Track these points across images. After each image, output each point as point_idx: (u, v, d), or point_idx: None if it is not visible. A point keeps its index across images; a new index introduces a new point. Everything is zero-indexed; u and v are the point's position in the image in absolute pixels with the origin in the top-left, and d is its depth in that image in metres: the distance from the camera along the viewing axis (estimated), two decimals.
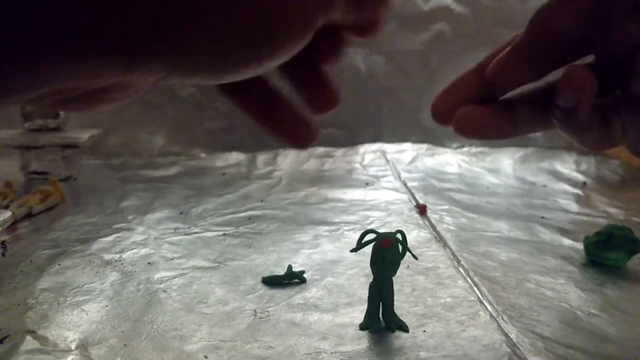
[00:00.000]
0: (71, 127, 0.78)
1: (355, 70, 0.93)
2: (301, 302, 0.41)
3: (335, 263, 0.48)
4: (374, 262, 0.36)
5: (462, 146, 0.91)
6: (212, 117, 0.92)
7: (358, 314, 0.39)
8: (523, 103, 0.29)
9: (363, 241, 0.36)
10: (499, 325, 0.38)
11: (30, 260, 0.48)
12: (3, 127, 0.78)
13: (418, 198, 0.67)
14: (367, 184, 0.74)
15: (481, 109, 0.28)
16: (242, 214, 0.62)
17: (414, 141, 0.92)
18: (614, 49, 0.26)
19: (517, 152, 0.88)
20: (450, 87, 0.29)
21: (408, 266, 0.47)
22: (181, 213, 0.62)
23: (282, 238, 0.54)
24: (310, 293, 0.43)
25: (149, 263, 0.48)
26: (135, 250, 0.51)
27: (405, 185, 0.73)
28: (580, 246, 0.51)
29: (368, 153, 0.89)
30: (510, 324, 0.38)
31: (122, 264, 0.48)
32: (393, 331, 0.37)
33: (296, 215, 0.61)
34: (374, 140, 0.93)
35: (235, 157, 0.87)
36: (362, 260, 0.47)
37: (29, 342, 0.36)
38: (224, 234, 0.56)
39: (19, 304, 0.41)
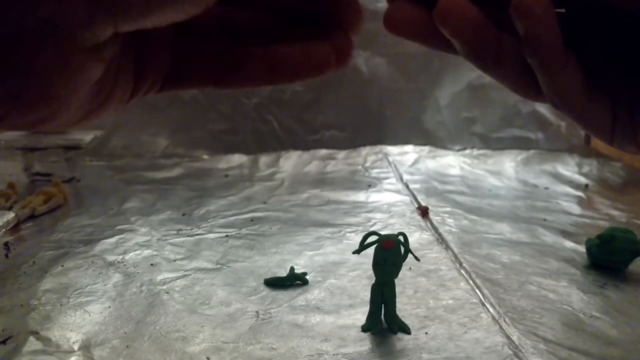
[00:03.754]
0: (74, 129, 0.78)
1: (358, 73, 0.93)
2: (303, 303, 0.41)
3: (337, 265, 0.48)
4: (376, 264, 0.36)
5: (464, 148, 0.92)
6: (214, 119, 0.92)
7: (360, 315, 0.39)
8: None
9: (365, 243, 0.36)
10: (501, 327, 0.38)
11: (33, 262, 0.49)
12: None
13: (420, 200, 0.67)
14: (369, 186, 0.74)
15: (415, 7, 0.23)
16: (245, 216, 0.62)
17: (416, 143, 0.92)
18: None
19: (519, 154, 0.88)
20: None
21: (410, 268, 0.47)
22: (184, 215, 0.62)
23: (285, 240, 0.54)
24: (313, 295, 0.43)
25: (151, 264, 0.48)
26: (138, 252, 0.51)
27: (408, 187, 0.73)
28: (582, 249, 0.51)
29: (370, 155, 0.89)
30: (512, 326, 0.38)
31: (124, 265, 0.48)
32: (395, 333, 0.37)
33: (298, 217, 0.61)
34: (376, 142, 0.93)
35: (237, 159, 0.87)
36: (365, 262, 0.47)
37: (32, 343, 0.36)
38: (227, 236, 0.56)
39: (22, 305, 0.41)
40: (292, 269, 0.46)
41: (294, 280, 0.45)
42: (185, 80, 0.24)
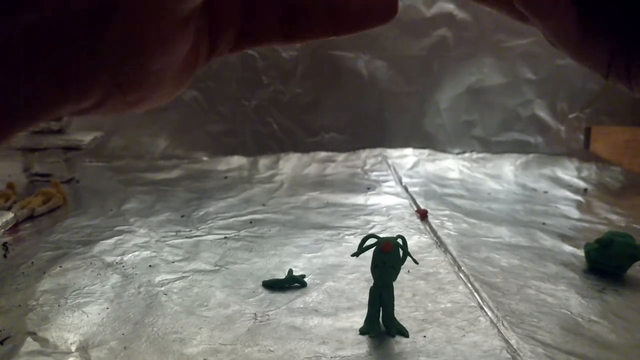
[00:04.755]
0: (74, 129, 0.78)
1: (357, 76, 0.94)
2: (301, 306, 0.41)
3: (336, 267, 0.48)
4: (375, 266, 0.36)
5: (464, 152, 0.92)
6: (214, 120, 0.92)
7: (358, 318, 0.39)
8: None
9: (364, 246, 0.36)
10: (499, 331, 0.38)
11: (32, 262, 0.49)
12: None
13: (419, 203, 0.67)
14: (368, 188, 0.74)
15: None
16: (244, 218, 0.62)
17: (416, 146, 0.92)
18: None
19: (518, 158, 0.88)
20: None
21: (409, 271, 0.47)
22: (182, 216, 0.62)
23: (283, 242, 0.54)
24: (311, 297, 0.43)
25: (150, 266, 0.48)
26: (136, 253, 0.51)
27: (407, 190, 0.73)
28: (581, 253, 0.51)
29: (370, 158, 0.89)
30: (511, 330, 0.38)
31: (123, 266, 0.48)
32: (393, 336, 0.37)
33: (297, 220, 0.61)
34: (376, 145, 0.93)
35: (237, 160, 0.87)
36: (363, 265, 0.47)
37: (30, 344, 0.36)
38: (225, 238, 0.56)
39: (19, 306, 0.41)
40: (290, 271, 0.46)
41: (292, 283, 0.45)
42: (256, 36, 0.22)
